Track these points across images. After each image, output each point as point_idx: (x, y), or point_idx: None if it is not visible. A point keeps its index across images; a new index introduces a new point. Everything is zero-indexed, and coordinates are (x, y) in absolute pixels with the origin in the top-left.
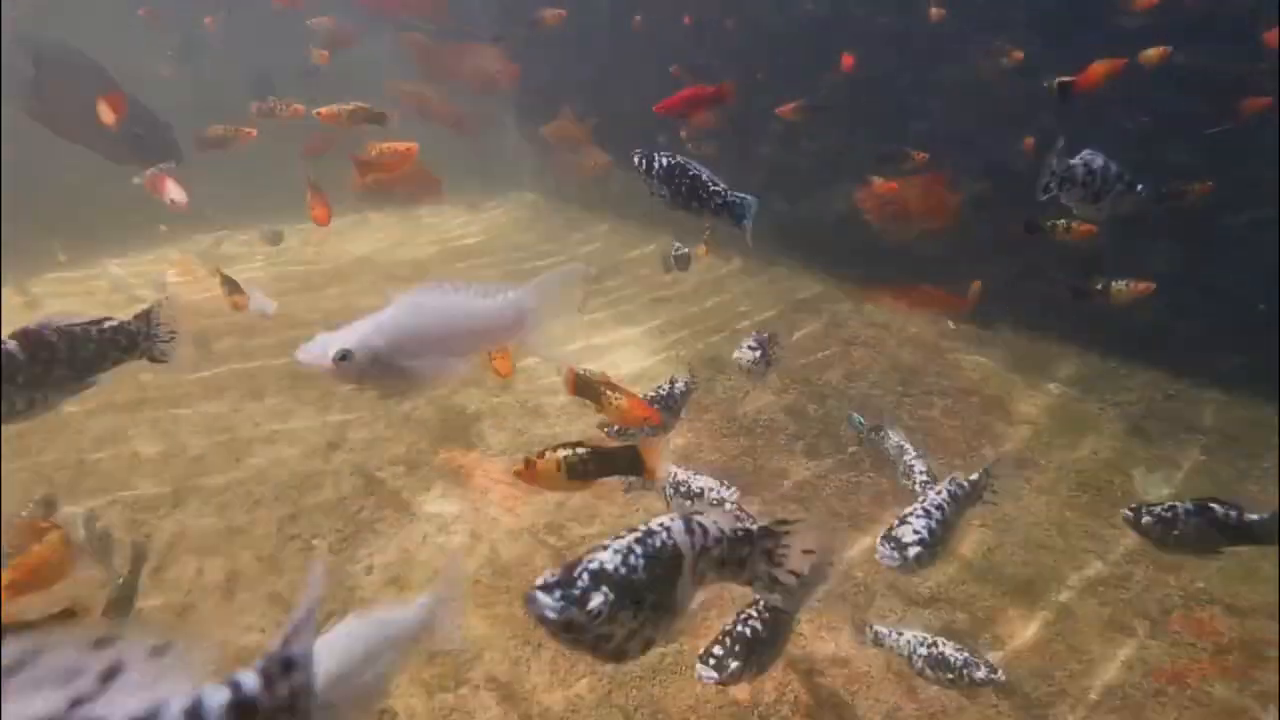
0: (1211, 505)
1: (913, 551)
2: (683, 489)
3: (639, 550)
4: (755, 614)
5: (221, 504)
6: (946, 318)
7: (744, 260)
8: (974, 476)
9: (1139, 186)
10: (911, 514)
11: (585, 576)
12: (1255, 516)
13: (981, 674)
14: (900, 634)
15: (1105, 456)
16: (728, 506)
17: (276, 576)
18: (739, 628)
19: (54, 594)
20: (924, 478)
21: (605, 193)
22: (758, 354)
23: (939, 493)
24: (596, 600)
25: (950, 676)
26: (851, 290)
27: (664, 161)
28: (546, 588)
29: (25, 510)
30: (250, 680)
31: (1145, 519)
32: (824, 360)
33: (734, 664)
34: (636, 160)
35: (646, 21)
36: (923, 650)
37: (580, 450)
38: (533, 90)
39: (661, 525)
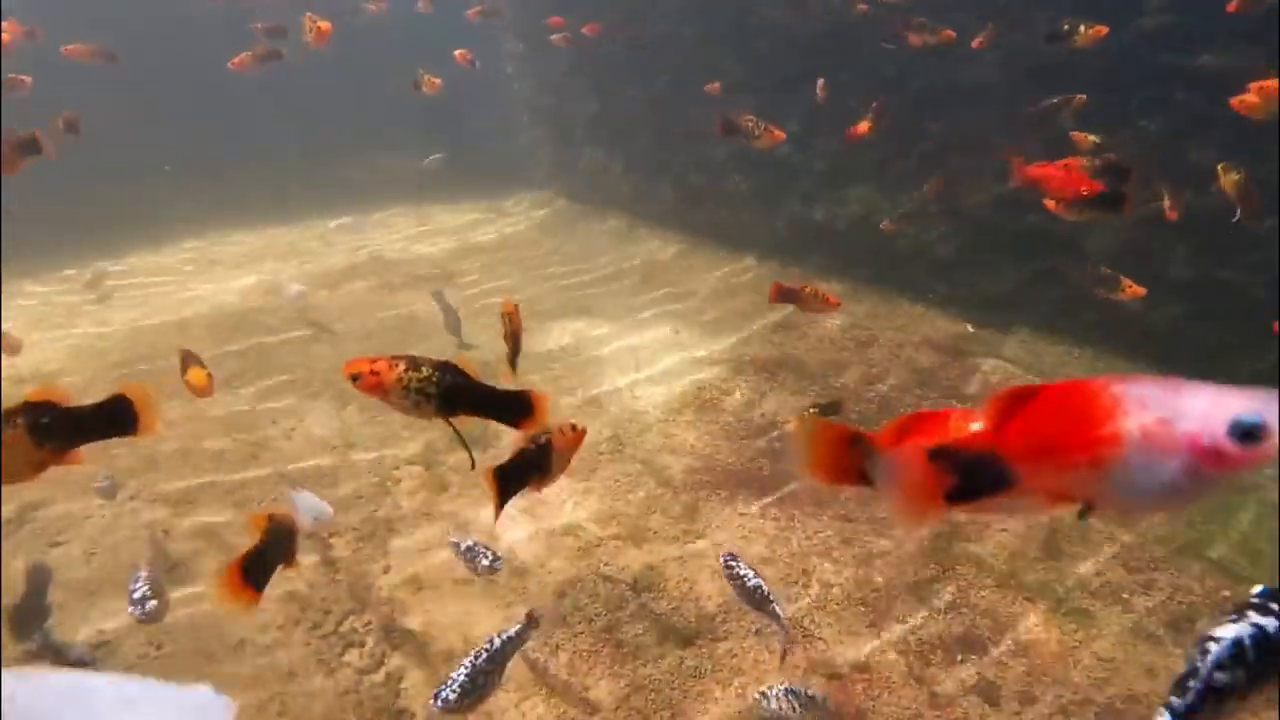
0: None
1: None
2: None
3: None
4: None
5: (239, 501)
6: (966, 321)
7: (758, 261)
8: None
9: None
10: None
11: None
12: None
13: (487, 561)
14: None
15: None
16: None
17: (295, 574)
18: None
19: None
20: None
21: (615, 192)
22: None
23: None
24: None
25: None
26: (867, 290)
27: None
28: None
29: None
30: None
31: None
32: (840, 362)
33: None
34: None
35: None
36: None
37: (446, 374)
38: (548, 90)
39: None
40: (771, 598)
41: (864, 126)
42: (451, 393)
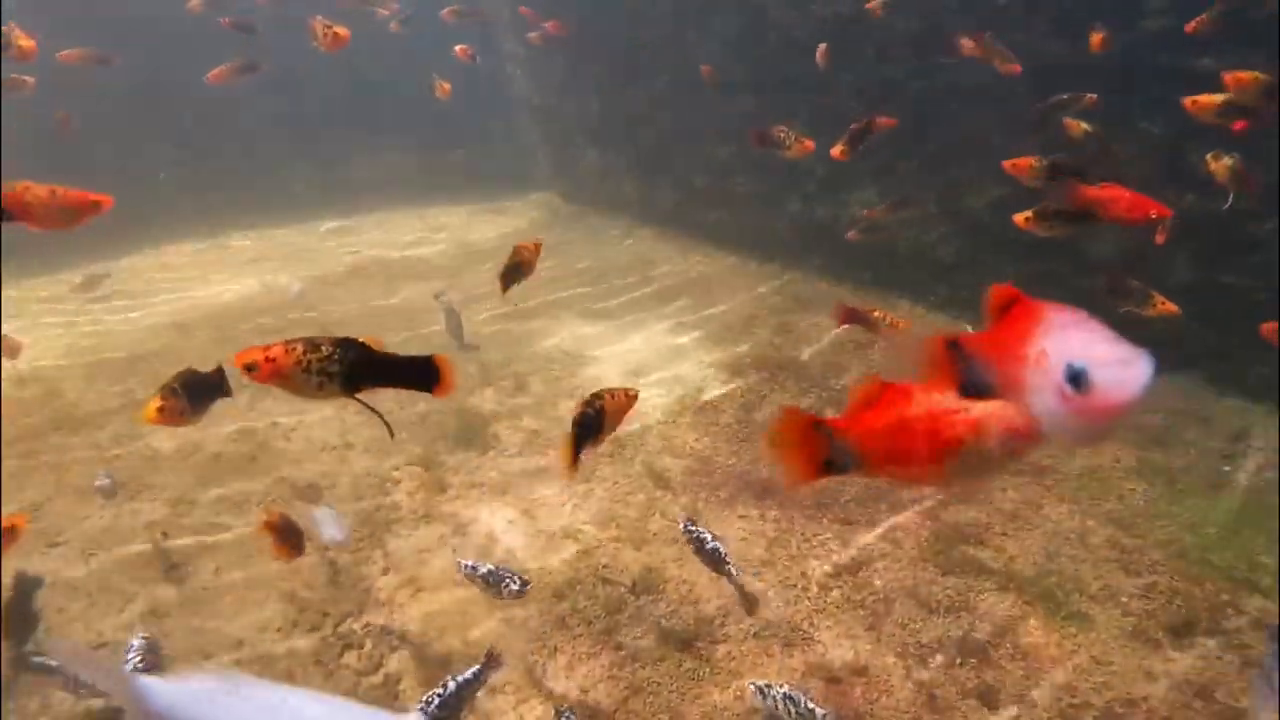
0: None
1: None
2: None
3: None
4: None
5: (238, 501)
6: (965, 322)
7: (759, 262)
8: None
9: None
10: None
11: None
12: None
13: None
14: None
15: (1127, 464)
16: None
17: (292, 577)
18: None
19: None
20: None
21: (616, 192)
22: None
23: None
24: None
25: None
26: (868, 292)
27: None
28: None
29: None
30: None
31: None
32: (840, 364)
33: None
34: None
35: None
36: None
37: (349, 351)
38: (548, 90)
39: None
40: (728, 559)
41: (839, 150)
42: (356, 369)
